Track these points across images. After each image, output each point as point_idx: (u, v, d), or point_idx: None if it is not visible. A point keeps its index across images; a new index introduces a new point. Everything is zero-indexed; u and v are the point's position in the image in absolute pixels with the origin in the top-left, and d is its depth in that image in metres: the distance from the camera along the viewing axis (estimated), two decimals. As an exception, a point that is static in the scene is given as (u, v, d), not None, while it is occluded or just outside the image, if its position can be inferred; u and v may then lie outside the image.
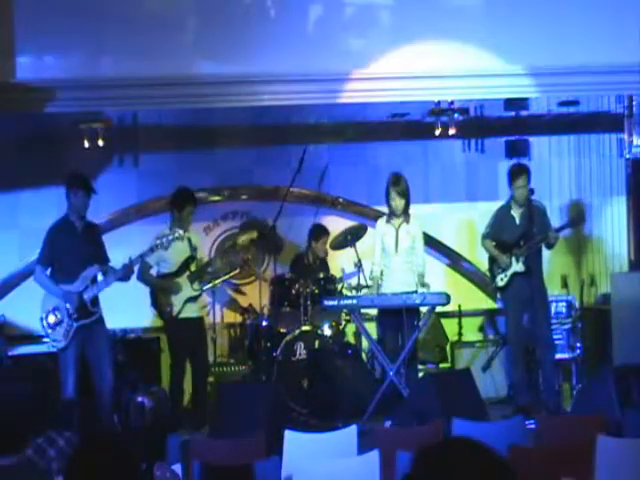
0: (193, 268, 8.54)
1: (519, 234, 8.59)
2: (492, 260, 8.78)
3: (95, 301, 7.81)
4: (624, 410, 6.42)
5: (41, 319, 7.76)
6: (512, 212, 8.67)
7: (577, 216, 9.55)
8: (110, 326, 8.33)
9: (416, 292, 8.25)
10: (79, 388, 7.70)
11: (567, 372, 9.47)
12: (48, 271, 7.81)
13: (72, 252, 7.77)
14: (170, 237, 8.04)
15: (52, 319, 7.71)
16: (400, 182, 8.39)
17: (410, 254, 8.42)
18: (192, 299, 8.48)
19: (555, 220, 9.33)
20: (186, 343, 8.46)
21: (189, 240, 8.55)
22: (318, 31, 8.41)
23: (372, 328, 8.76)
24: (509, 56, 8.43)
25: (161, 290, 8.50)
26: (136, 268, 7.98)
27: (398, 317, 8.15)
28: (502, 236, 8.69)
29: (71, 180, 7.90)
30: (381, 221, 8.58)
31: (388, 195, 8.41)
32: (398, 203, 8.36)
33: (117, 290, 8.39)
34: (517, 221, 8.64)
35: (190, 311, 8.47)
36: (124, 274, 7.82)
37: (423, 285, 8.32)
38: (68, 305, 7.69)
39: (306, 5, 8.53)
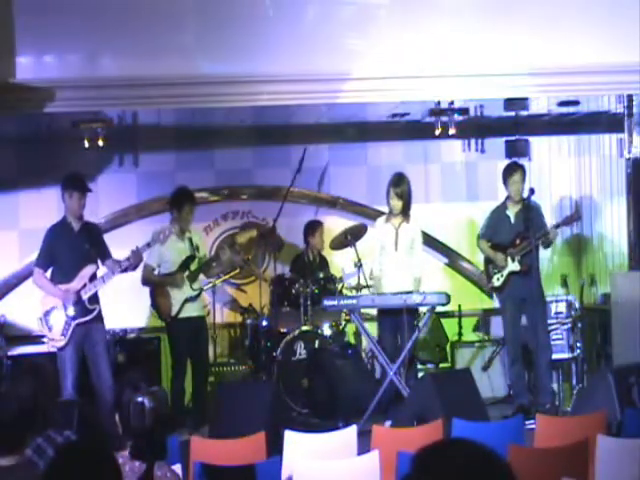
0: (193, 268, 8.54)
1: (514, 234, 8.59)
2: (488, 261, 8.78)
3: (93, 299, 7.81)
4: (624, 410, 6.41)
5: (40, 319, 7.78)
6: (507, 212, 8.68)
7: (574, 213, 9.54)
8: (110, 326, 8.33)
9: (416, 292, 8.26)
10: (79, 387, 7.71)
11: (567, 372, 9.47)
12: (48, 273, 7.84)
13: (69, 253, 7.81)
14: (167, 232, 8.02)
15: (50, 319, 7.74)
16: (400, 183, 8.45)
17: (409, 253, 8.44)
18: (191, 299, 8.48)
19: (554, 220, 9.31)
20: (186, 343, 8.46)
21: (190, 240, 8.56)
22: (318, 31, 8.39)
23: (372, 328, 8.76)
24: (509, 56, 8.42)
25: (161, 290, 8.49)
26: (145, 255, 7.96)
27: (397, 317, 8.15)
28: (498, 236, 8.70)
29: (65, 182, 7.92)
30: (380, 220, 8.64)
31: (388, 194, 8.50)
32: (396, 204, 8.46)
33: (117, 290, 8.40)
34: (512, 220, 8.64)
35: (190, 311, 8.47)
36: (132, 262, 7.76)
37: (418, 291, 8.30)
38: (66, 304, 7.72)
39: (305, 5, 8.53)
